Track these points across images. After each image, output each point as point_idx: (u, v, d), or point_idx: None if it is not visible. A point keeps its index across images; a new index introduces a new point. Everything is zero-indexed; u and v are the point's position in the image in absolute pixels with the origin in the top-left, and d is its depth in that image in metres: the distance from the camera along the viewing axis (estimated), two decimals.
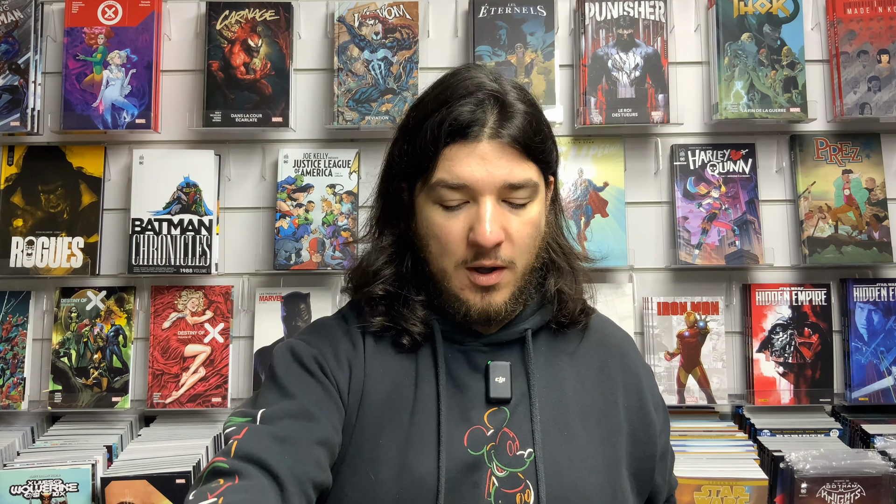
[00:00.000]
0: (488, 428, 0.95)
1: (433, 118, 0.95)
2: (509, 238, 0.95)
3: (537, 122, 0.98)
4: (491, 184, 0.93)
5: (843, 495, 1.58)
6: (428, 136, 0.94)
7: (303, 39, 1.89)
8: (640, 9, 1.83)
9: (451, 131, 0.93)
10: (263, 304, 1.83)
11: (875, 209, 1.81)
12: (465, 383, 0.98)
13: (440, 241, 0.95)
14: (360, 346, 1.01)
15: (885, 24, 1.82)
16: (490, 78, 0.97)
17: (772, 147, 1.87)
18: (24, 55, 1.81)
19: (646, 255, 1.85)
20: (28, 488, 1.58)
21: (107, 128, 1.79)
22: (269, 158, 1.87)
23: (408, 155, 0.98)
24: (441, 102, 0.95)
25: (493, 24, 1.82)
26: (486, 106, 0.94)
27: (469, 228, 0.93)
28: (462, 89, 0.96)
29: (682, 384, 1.78)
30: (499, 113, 0.94)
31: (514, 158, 0.94)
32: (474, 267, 0.95)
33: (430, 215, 0.96)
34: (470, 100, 0.94)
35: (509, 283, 0.97)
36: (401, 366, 1.00)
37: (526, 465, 0.94)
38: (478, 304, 0.96)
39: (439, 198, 0.95)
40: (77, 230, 1.81)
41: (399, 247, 1.03)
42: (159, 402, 1.77)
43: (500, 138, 0.93)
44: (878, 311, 1.80)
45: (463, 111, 0.93)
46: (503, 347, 1.01)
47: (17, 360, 1.80)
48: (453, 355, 1.00)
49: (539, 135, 0.97)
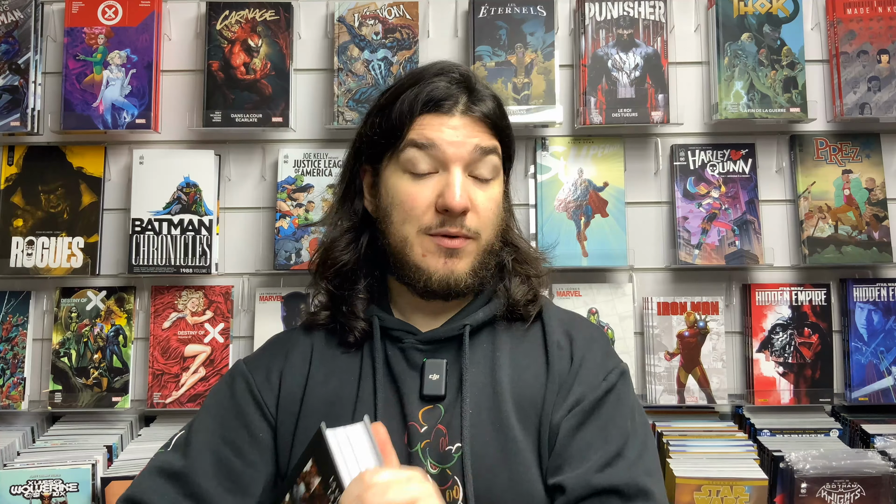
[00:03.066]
0: (422, 425, 0.96)
1: (408, 92, 1.00)
2: (475, 209, 0.98)
3: (503, 109, 1.05)
4: (461, 151, 0.97)
5: (843, 495, 1.58)
6: (404, 106, 0.99)
7: (303, 39, 1.89)
8: (640, 9, 1.83)
9: (427, 101, 0.99)
10: (263, 304, 1.83)
11: (875, 209, 1.81)
12: (403, 380, 0.99)
13: (405, 207, 0.97)
14: (302, 355, 1.05)
15: (885, 24, 1.82)
16: (461, 68, 1.05)
17: (772, 147, 1.87)
18: (24, 55, 1.81)
19: (646, 255, 1.85)
20: (28, 488, 1.58)
21: (107, 128, 1.79)
22: (269, 158, 1.87)
23: (380, 127, 1.02)
24: (416, 79, 1.02)
25: (493, 24, 1.82)
26: (460, 86, 1.01)
27: (437, 195, 0.96)
28: (436, 69, 1.03)
29: (682, 384, 1.78)
30: (470, 93, 1.01)
31: (484, 130, 1.00)
32: (439, 233, 0.97)
33: (397, 183, 0.99)
34: (444, 77, 1.01)
35: (472, 252, 0.99)
36: (346, 365, 1.02)
37: (454, 461, 0.94)
38: (440, 271, 0.97)
39: (408, 162, 0.98)
40: (77, 230, 1.81)
41: (355, 231, 1.06)
42: (159, 402, 1.77)
43: (471, 113, 1.00)
44: (878, 311, 1.80)
45: (439, 86, 1.00)
46: (441, 344, 1.01)
47: (17, 360, 1.80)
48: (393, 353, 1.01)
49: (504, 119, 1.04)
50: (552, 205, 1.82)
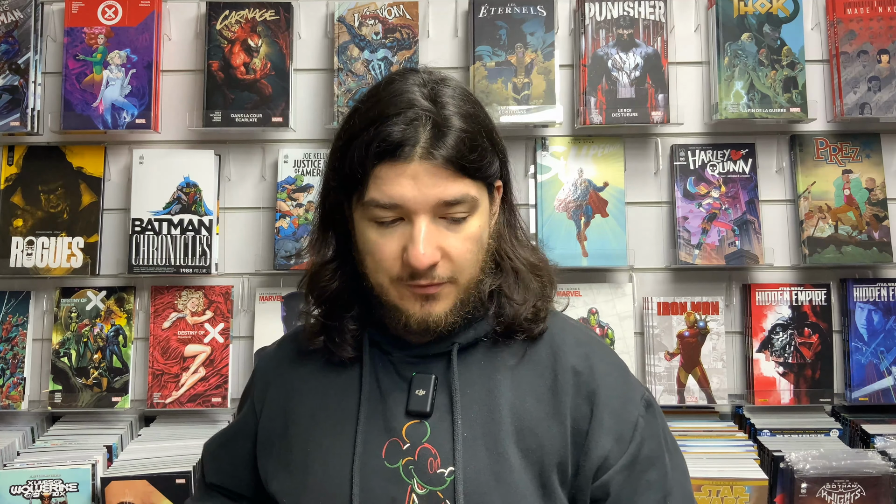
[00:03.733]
0: (405, 441, 0.93)
1: (361, 137, 0.89)
2: (447, 256, 0.91)
3: (472, 137, 0.91)
4: (424, 203, 0.88)
5: (843, 495, 1.58)
6: (356, 156, 0.90)
7: (303, 39, 1.89)
8: (640, 9, 1.83)
9: (380, 152, 0.88)
10: (263, 304, 1.83)
11: (875, 209, 1.81)
12: (389, 393, 0.97)
13: (374, 257, 0.92)
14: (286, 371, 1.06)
15: (885, 24, 1.82)
16: (424, 92, 0.91)
17: (772, 147, 1.87)
18: (24, 55, 1.81)
19: (646, 255, 1.85)
20: (28, 488, 1.58)
21: (107, 128, 1.79)
22: (269, 158, 1.87)
23: (339, 172, 0.94)
24: (370, 121, 0.89)
25: (493, 24, 1.82)
26: (418, 125, 0.88)
27: (403, 248, 0.89)
28: (393, 106, 0.89)
29: (682, 384, 1.78)
30: (431, 131, 0.88)
31: (447, 177, 0.89)
32: (411, 284, 0.92)
33: (365, 231, 0.93)
34: (400, 119, 0.88)
35: (450, 293, 0.93)
36: (331, 379, 1.01)
37: (446, 484, 0.90)
38: (417, 314, 0.92)
39: (373, 216, 0.91)
40: (77, 230, 1.81)
41: (342, 256, 1.01)
42: (159, 402, 1.77)
43: (432, 158, 0.88)
44: (878, 311, 1.80)
45: (393, 131, 0.87)
46: (432, 360, 0.98)
47: (17, 360, 1.80)
48: (383, 365, 0.99)
49: (475, 151, 0.91)
50: (552, 205, 1.82)
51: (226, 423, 1.81)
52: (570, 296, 1.80)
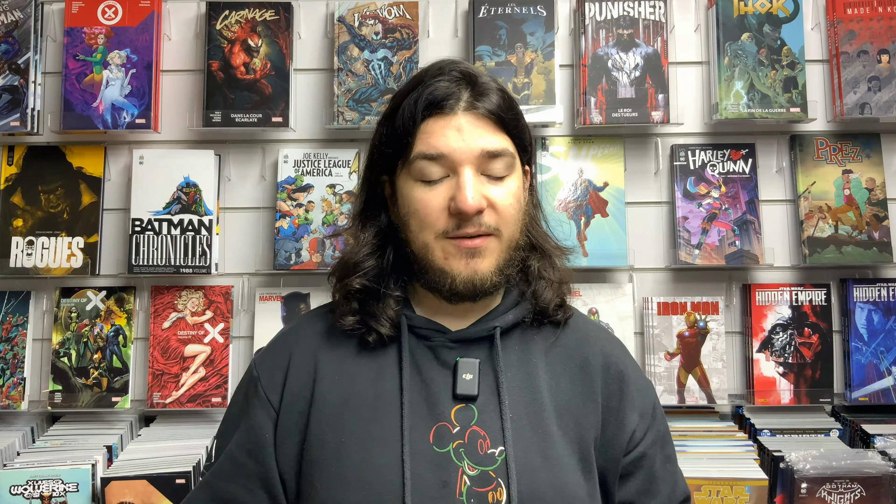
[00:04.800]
0: (454, 425, 0.95)
1: (410, 97, 0.98)
2: (492, 206, 0.96)
3: (510, 100, 1.01)
4: (469, 153, 0.95)
5: (843, 495, 1.58)
6: (406, 113, 0.97)
7: (303, 39, 1.89)
8: (640, 9, 1.83)
9: (428, 104, 0.96)
10: (263, 304, 1.83)
11: (875, 209, 1.81)
12: (432, 378, 0.98)
13: (419, 214, 0.96)
14: (308, 354, 1.02)
15: (885, 24, 1.82)
16: (463, 65, 1.01)
17: (772, 147, 1.87)
18: (24, 55, 1.81)
19: (646, 255, 1.85)
20: (28, 488, 1.58)
21: (107, 128, 1.79)
22: (269, 158, 1.87)
23: (388, 137, 1.00)
24: (416, 83, 0.99)
25: (493, 24, 1.82)
26: (461, 83, 0.98)
27: (450, 199, 0.94)
28: (436, 70, 1.00)
29: (682, 384, 1.78)
30: (472, 89, 0.98)
31: (489, 129, 0.97)
32: (457, 236, 0.95)
33: (411, 192, 0.97)
34: (445, 77, 0.98)
35: (495, 250, 0.97)
36: (362, 364, 1.00)
37: (497, 464, 0.93)
38: (463, 272, 0.95)
39: (419, 172, 0.96)
40: (77, 230, 1.81)
41: (381, 239, 1.04)
42: (159, 402, 1.77)
43: (475, 110, 0.97)
44: (878, 311, 1.80)
45: (438, 86, 0.97)
46: (472, 344, 1.00)
47: (17, 360, 1.80)
48: (421, 351, 1.00)
49: (512, 111, 1.01)
50: (552, 205, 1.82)
51: None
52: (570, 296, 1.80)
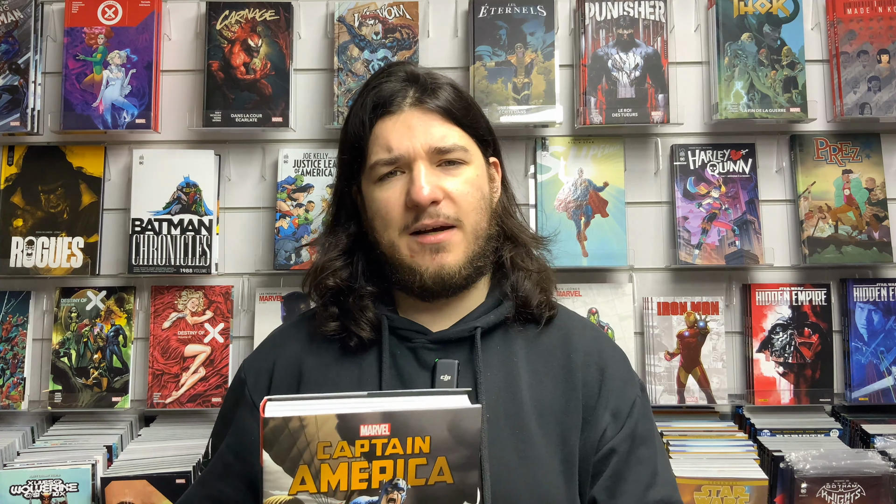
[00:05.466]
0: None
1: (357, 103, 1.01)
2: (448, 197, 0.96)
3: (460, 93, 1.02)
4: (420, 147, 0.96)
5: (843, 495, 1.58)
6: (356, 119, 1.00)
7: (303, 39, 1.89)
8: (640, 9, 1.83)
9: (375, 106, 0.98)
10: (263, 304, 1.83)
11: (875, 209, 1.81)
12: (412, 379, 0.98)
13: (381, 213, 0.97)
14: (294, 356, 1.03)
15: (885, 24, 1.82)
16: (413, 67, 1.03)
17: (772, 147, 1.87)
18: (24, 55, 1.81)
19: (646, 255, 1.85)
20: (28, 488, 1.58)
21: (107, 128, 1.79)
22: (269, 158, 1.87)
23: (344, 144, 1.03)
24: (364, 89, 1.02)
25: (493, 24, 1.82)
26: (408, 83, 1.00)
27: (406, 194, 0.96)
28: (381, 73, 1.02)
29: (682, 384, 1.78)
30: (420, 86, 0.99)
31: (439, 122, 0.98)
32: (418, 230, 0.96)
33: (372, 195, 0.99)
34: (391, 78, 1.00)
35: (460, 243, 0.97)
36: (345, 367, 1.01)
37: None
38: (430, 267, 0.96)
39: (377, 174, 0.98)
40: (77, 230, 1.81)
41: (351, 245, 1.05)
42: (159, 402, 1.77)
43: (423, 104, 0.98)
44: (878, 311, 1.80)
45: (384, 87, 0.99)
46: (452, 345, 1.00)
47: (17, 360, 1.80)
48: (402, 352, 1.00)
49: (461, 102, 1.01)
50: (552, 205, 1.82)
51: None
52: (570, 296, 1.80)
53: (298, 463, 0.72)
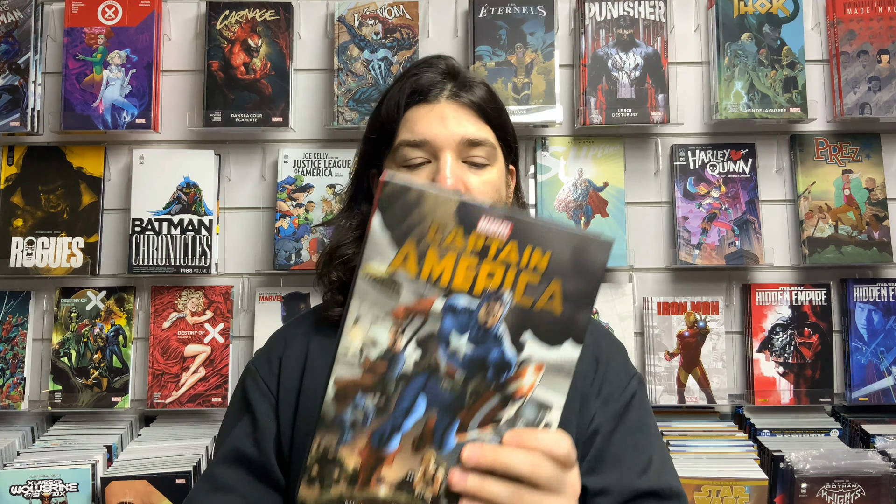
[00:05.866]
0: None
1: (395, 87, 1.02)
2: (469, 192, 0.97)
3: (494, 95, 1.04)
4: (450, 139, 0.97)
5: (843, 495, 1.58)
6: (391, 101, 1.01)
7: (303, 39, 1.89)
8: (640, 9, 1.83)
9: (412, 92, 1.00)
10: (263, 304, 1.83)
11: (875, 209, 1.81)
12: None
13: None
14: (300, 343, 1.05)
15: (885, 24, 1.82)
16: (451, 59, 1.05)
17: (772, 147, 1.87)
18: (24, 55, 1.81)
19: (646, 255, 1.85)
20: (28, 488, 1.58)
21: (107, 128, 1.79)
22: (269, 158, 1.87)
23: (374, 126, 1.04)
24: (403, 76, 1.03)
25: (493, 24, 1.82)
26: (446, 75, 1.02)
27: (430, 182, 0.97)
28: (423, 63, 1.04)
29: (682, 384, 1.78)
30: (457, 81, 1.02)
31: (472, 118, 1.00)
32: None
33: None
34: (431, 69, 1.02)
35: None
36: None
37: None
38: None
39: (403, 158, 0.99)
40: (77, 230, 1.81)
41: (364, 227, 1.05)
42: (159, 402, 1.77)
43: (459, 99, 1.00)
44: (878, 311, 1.80)
45: (424, 76, 1.01)
46: None
47: (17, 360, 1.80)
48: None
49: (495, 104, 1.03)
50: (552, 205, 1.82)
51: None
52: None
53: (407, 236, 0.65)
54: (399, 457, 0.66)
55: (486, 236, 0.65)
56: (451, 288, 0.66)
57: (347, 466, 0.67)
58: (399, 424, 0.67)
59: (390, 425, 0.67)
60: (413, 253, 0.66)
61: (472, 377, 0.67)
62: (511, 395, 0.67)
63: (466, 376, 0.67)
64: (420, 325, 0.67)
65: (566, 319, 0.67)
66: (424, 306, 0.66)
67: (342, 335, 0.67)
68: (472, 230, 0.65)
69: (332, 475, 0.67)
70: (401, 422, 0.67)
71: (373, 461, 0.67)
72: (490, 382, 0.67)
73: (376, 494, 0.66)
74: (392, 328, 0.67)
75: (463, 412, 0.67)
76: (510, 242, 0.65)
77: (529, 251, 0.65)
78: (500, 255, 0.66)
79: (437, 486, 0.66)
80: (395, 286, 0.66)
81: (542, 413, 0.67)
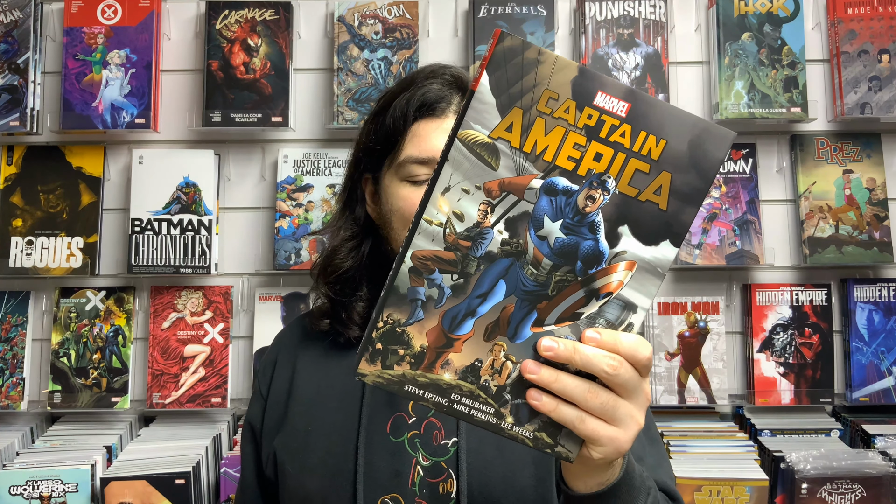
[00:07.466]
0: (411, 416, 0.96)
1: (401, 97, 0.98)
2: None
3: None
4: None
5: (843, 495, 1.58)
6: (397, 112, 0.98)
7: (303, 39, 1.89)
8: (641, 8, 1.83)
9: (420, 106, 0.97)
10: (263, 304, 1.83)
11: (876, 209, 1.81)
12: None
13: (403, 213, 0.96)
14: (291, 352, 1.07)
15: (886, 23, 1.81)
16: (455, 68, 1.02)
17: (772, 147, 1.87)
18: (23, 55, 1.80)
19: None
20: (28, 488, 1.58)
21: (106, 128, 1.79)
22: (269, 158, 1.87)
23: (376, 135, 1.01)
24: (408, 83, 0.99)
25: (493, 23, 1.82)
26: (453, 87, 0.98)
27: None
28: (428, 72, 1.00)
29: (683, 384, 1.78)
30: (463, 94, 0.98)
31: None
32: None
33: (397, 191, 0.98)
34: (437, 80, 0.98)
35: None
36: (336, 360, 1.03)
37: (449, 455, 0.94)
38: None
39: (407, 174, 0.97)
40: (76, 230, 1.81)
41: (358, 238, 1.05)
42: (159, 403, 1.77)
43: None
44: (878, 311, 1.80)
45: (431, 88, 0.97)
46: None
47: (17, 360, 1.79)
48: None
49: None
50: None
51: (225, 423, 1.81)
52: None
53: (515, 103, 0.60)
54: (469, 343, 0.63)
55: (602, 112, 0.60)
56: (553, 166, 0.61)
57: (414, 346, 0.63)
58: (474, 308, 0.63)
59: (465, 308, 0.63)
60: (518, 121, 0.60)
61: (560, 267, 0.62)
62: (597, 290, 0.62)
63: (554, 265, 0.62)
64: (513, 204, 0.61)
65: (669, 217, 0.62)
66: (521, 183, 0.61)
67: (427, 203, 0.61)
68: (586, 105, 0.60)
69: (396, 354, 0.63)
70: (476, 306, 0.63)
71: (441, 344, 0.63)
72: (577, 274, 0.62)
73: (440, 378, 0.63)
74: (483, 203, 0.61)
75: (543, 304, 0.63)
76: (625, 124, 0.60)
77: (644, 136, 0.60)
78: (612, 136, 0.60)
79: (504, 376, 0.63)
80: (495, 156, 0.61)
81: (626, 314, 0.63)
